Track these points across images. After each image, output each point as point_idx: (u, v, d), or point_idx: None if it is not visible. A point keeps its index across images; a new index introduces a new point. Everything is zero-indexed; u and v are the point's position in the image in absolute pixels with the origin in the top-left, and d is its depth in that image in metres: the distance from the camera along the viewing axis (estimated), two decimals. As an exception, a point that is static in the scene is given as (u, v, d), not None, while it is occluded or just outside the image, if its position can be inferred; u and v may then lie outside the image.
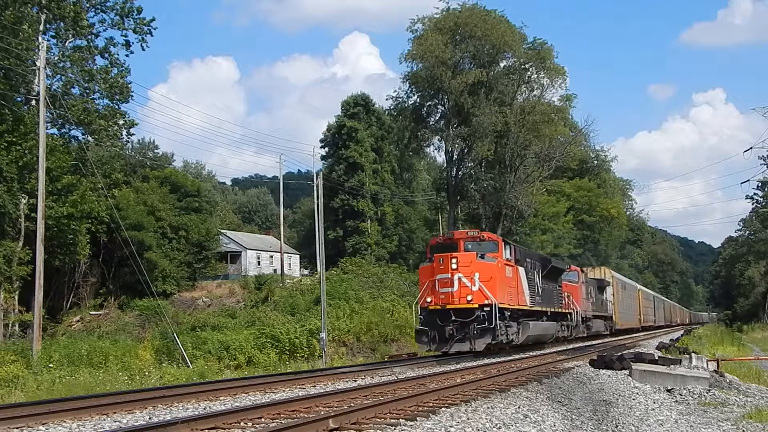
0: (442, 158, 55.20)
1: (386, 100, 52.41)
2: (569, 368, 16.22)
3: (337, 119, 69.83)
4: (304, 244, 75.77)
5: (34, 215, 28.78)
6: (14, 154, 32.35)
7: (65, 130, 39.20)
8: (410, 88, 49.24)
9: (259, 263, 63.08)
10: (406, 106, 50.27)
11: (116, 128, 40.67)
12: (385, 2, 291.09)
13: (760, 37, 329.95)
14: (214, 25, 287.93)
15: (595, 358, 17.51)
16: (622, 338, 39.04)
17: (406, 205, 73.85)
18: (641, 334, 47.95)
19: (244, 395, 11.98)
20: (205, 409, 10.20)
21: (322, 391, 12.10)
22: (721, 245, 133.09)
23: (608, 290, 40.62)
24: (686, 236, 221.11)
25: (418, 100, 49.88)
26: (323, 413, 8.78)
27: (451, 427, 8.32)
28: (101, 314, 40.48)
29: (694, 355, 18.46)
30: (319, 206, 34.05)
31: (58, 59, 37.77)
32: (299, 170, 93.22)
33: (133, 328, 36.92)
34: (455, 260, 20.17)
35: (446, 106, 48.98)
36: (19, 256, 32.64)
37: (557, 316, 27.77)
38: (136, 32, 40.88)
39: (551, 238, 59.27)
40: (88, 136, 39.20)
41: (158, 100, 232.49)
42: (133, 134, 47.75)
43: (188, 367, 26.01)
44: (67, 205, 33.95)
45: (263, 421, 8.81)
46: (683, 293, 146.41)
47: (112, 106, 40.05)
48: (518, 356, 21.60)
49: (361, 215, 66.61)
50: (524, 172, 50.25)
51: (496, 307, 19.66)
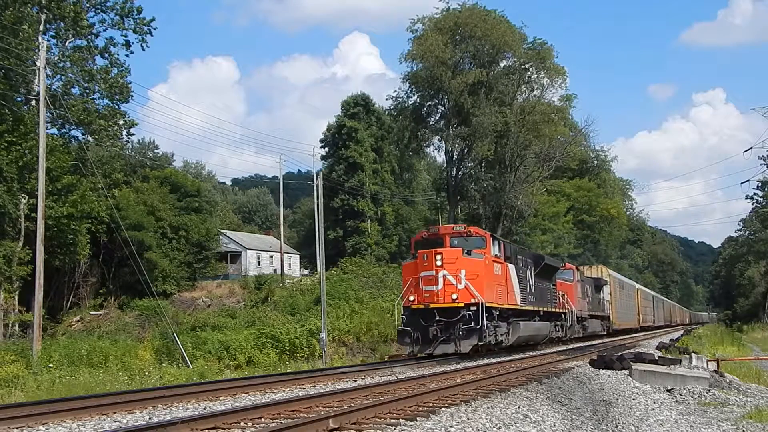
0: (442, 158, 55.34)
1: (386, 100, 52.57)
2: (569, 368, 16.22)
3: (337, 119, 69.84)
4: (304, 244, 75.78)
5: (34, 215, 28.78)
6: (14, 154, 32.37)
7: (65, 130, 39.28)
8: (410, 88, 49.32)
9: (259, 263, 63.10)
10: (406, 106, 50.33)
11: (116, 128, 40.70)
12: (385, 2, 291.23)
13: (760, 37, 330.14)
14: (214, 25, 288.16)
15: (595, 358, 17.50)
16: (620, 338, 38.67)
17: (406, 205, 73.86)
18: (641, 334, 47.77)
19: (244, 395, 11.98)
20: (205, 409, 10.20)
21: (322, 391, 12.10)
22: (721, 245, 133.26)
23: (605, 289, 39.84)
24: (686, 236, 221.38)
25: (418, 100, 49.95)
26: (323, 413, 8.78)
27: (451, 427, 8.31)
28: (101, 314, 40.50)
29: (694, 355, 18.46)
30: (319, 206, 34.05)
31: (58, 59, 37.79)
32: (299, 170, 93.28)
33: (133, 328, 36.95)
34: (440, 256, 19.17)
35: (446, 106, 49.00)
36: (19, 256, 32.67)
37: (551, 316, 26.79)
38: (136, 32, 40.95)
39: (551, 238, 59.28)
40: (88, 136, 39.22)
41: (158, 100, 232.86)
42: (133, 134, 47.83)
43: (188, 367, 26.01)
44: (67, 205, 33.97)
45: (263, 421, 8.80)
46: (683, 293, 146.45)
47: (112, 106, 40.09)
48: (518, 356, 21.55)
49: (361, 215, 66.61)
50: (524, 172, 50.25)
51: (483, 306, 18.72)
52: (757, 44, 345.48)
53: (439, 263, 19.07)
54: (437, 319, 18.87)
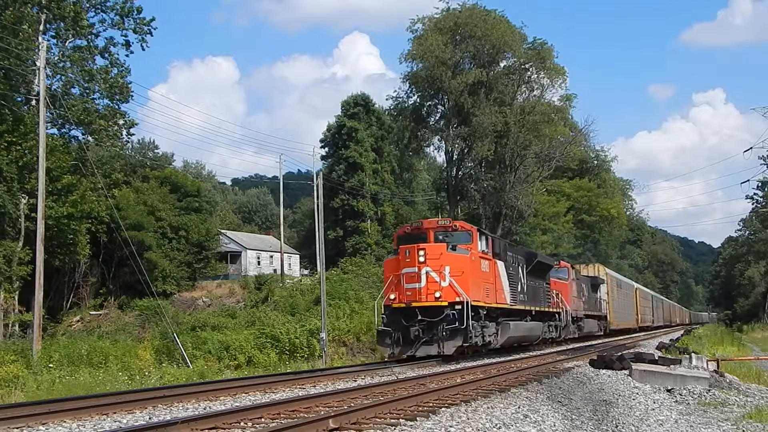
0: (442, 158, 55.31)
1: (386, 100, 52.52)
2: (569, 368, 16.22)
3: (337, 119, 69.82)
4: (304, 244, 75.77)
5: (34, 215, 28.79)
6: (14, 154, 32.38)
7: (65, 130, 39.29)
8: (410, 88, 49.28)
9: (259, 263, 63.12)
10: (406, 106, 50.30)
11: (116, 128, 40.72)
12: (385, 2, 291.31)
13: (760, 37, 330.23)
14: (214, 25, 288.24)
15: (594, 358, 17.50)
16: (619, 339, 38.22)
17: (406, 205, 73.82)
18: (640, 334, 47.56)
19: (244, 395, 11.97)
20: (205, 409, 10.20)
21: (322, 391, 12.09)
22: (721, 245, 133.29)
23: (602, 288, 38.86)
24: (686, 236, 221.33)
25: (418, 100, 49.91)
26: (323, 413, 8.78)
27: (451, 427, 8.31)
28: (101, 314, 40.51)
29: (694, 355, 18.46)
30: (319, 206, 34.03)
31: (58, 59, 37.79)
32: (299, 170, 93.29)
33: (133, 328, 36.94)
34: (423, 252, 18.00)
35: (446, 106, 48.97)
36: (19, 256, 32.68)
37: (544, 315, 25.72)
38: (136, 32, 40.97)
39: (551, 238, 59.26)
40: (88, 136, 39.23)
41: (158, 100, 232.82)
42: (133, 134, 47.88)
43: (188, 367, 26.01)
44: (67, 205, 33.98)
45: (263, 421, 8.80)
46: (683, 293, 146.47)
47: (112, 106, 40.11)
48: (518, 356, 21.52)
49: (361, 215, 66.59)
50: (524, 172, 50.22)
51: (468, 305, 17.59)
52: (757, 44, 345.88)
53: (422, 259, 17.98)
54: (419, 318, 17.79)
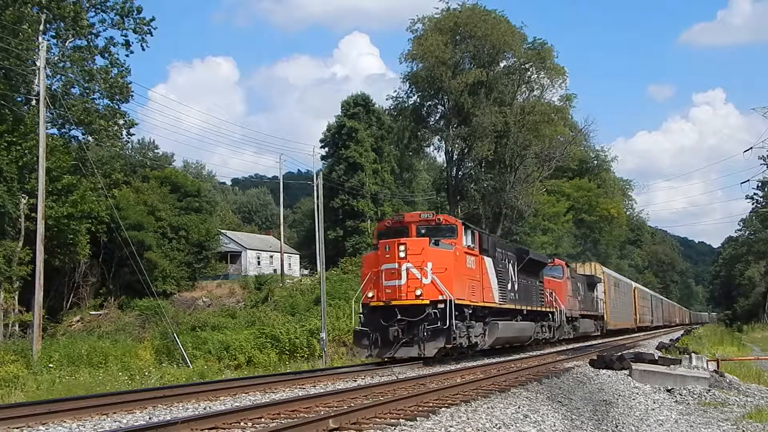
0: (442, 158, 55.35)
1: (386, 100, 52.56)
2: (569, 368, 16.21)
3: (337, 119, 69.83)
4: (304, 244, 75.76)
5: (34, 215, 28.80)
6: (14, 154, 32.40)
7: (65, 130, 39.32)
8: (410, 88, 49.32)
9: (259, 263, 63.14)
10: (406, 106, 50.32)
11: (116, 128, 40.76)
12: (385, 2, 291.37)
13: (759, 37, 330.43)
14: (214, 25, 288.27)
15: (594, 358, 17.49)
16: (619, 339, 37.86)
17: (406, 205, 73.76)
18: (640, 334, 47.40)
19: (244, 395, 11.96)
20: (205, 409, 10.19)
21: (322, 391, 12.08)
22: (721, 245, 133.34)
23: (599, 287, 38.00)
24: (686, 236, 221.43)
25: (418, 100, 49.95)
26: (323, 413, 8.77)
27: (451, 427, 8.31)
28: (101, 314, 40.54)
29: (694, 355, 18.45)
30: (319, 206, 34.03)
31: (58, 59, 37.80)
32: (299, 170, 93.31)
33: (133, 328, 36.97)
34: (403, 247, 16.88)
35: (446, 106, 48.99)
36: (19, 256, 32.70)
37: (536, 315, 24.65)
38: (136, 32, 41.02)
39: (551, 238, 59.26)
40: (88, 136, 39.25)
41: (158, 100, 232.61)
42: (133, 134, 47.95)
43: (188, 367, 26.02)
44: (67, 205, 34.00)
45: (263, 421, 8.79)
46: (683, 293, 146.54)
47: (112, 106, 40.16)
48: (518, 356, 21.51)
49: (361, 215, 66.57)
50: (524, 172, 50.23)
51: (451, 303, 16.51)
52: (757, 44, 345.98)
53: (402, 255, 16.85)
54: (399, 318, 16.68)
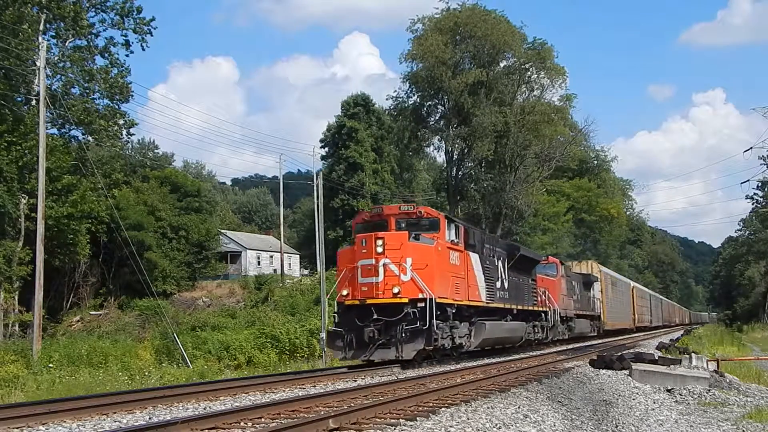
0: (442, 158, 55.35)
1: (386, 100, 52.56)
2: (569, 368, 16.21)
3: (337, 119, 69.85)
4: (304, 244, 75.76)
5: (34, 215, 28.81)
6: (14, 154, 32.41)
7: (65, 130, 39.35)
8: (410, 88, 49.31)
9: (259, 263, 63.15)
10: (406, 106, 50.31)
11: (116, 128, 40.78)
12: (385, 2, 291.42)
13: (759, 37, 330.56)
14: (214, 25, 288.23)
15: (594, 358, 17.49)
16: (618, 339, 37.52)
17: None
18: (640, 334, 47.24)
19: (244, 395, 11.96)
20: (205, 409, 10.18)
21: (322, 391, 12.08)
22: (721, 245, 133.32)
23: (596, 286, 37.11)
24: (686, 236, 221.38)
25: (418, 100, 49.94)
26: (323, 413, 8.77)
27: (451, 427, 8.30)
28: (101, 314, 40.55)
29: (694, 355, 18.45)
30: (319, 206, 34.05)
31: (58, 59, 37.81)
32: (299, 170, 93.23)
33: (133, 328, 36.99)
34: (381, 242, 15.69)
35: (446, 106, 48.99)
36: (19, 256, 32.71)
37: (528, 315, 23.59)
38: (136, 32, 41.05)
39: (551, 238, 59.27)
40: (88, 136, 39.26)
41: (158, 100, 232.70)
42: (133, 134, 47.95)
43: (188, 367, 26.03)
44: (67, 205, 34.01)
45: (263, 421, 8.79)
46: (683, 293, 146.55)
47: (112, 106, 40.18)
48: (518, 356, 21.50)
49: (361, 215, 66.55)
50: (524, 172, 50.24)
51: (432, 302, 15.46)
52: (757, 44, 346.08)
53: (380, 250, 15.66)
54: (375, 318, 15.54)
